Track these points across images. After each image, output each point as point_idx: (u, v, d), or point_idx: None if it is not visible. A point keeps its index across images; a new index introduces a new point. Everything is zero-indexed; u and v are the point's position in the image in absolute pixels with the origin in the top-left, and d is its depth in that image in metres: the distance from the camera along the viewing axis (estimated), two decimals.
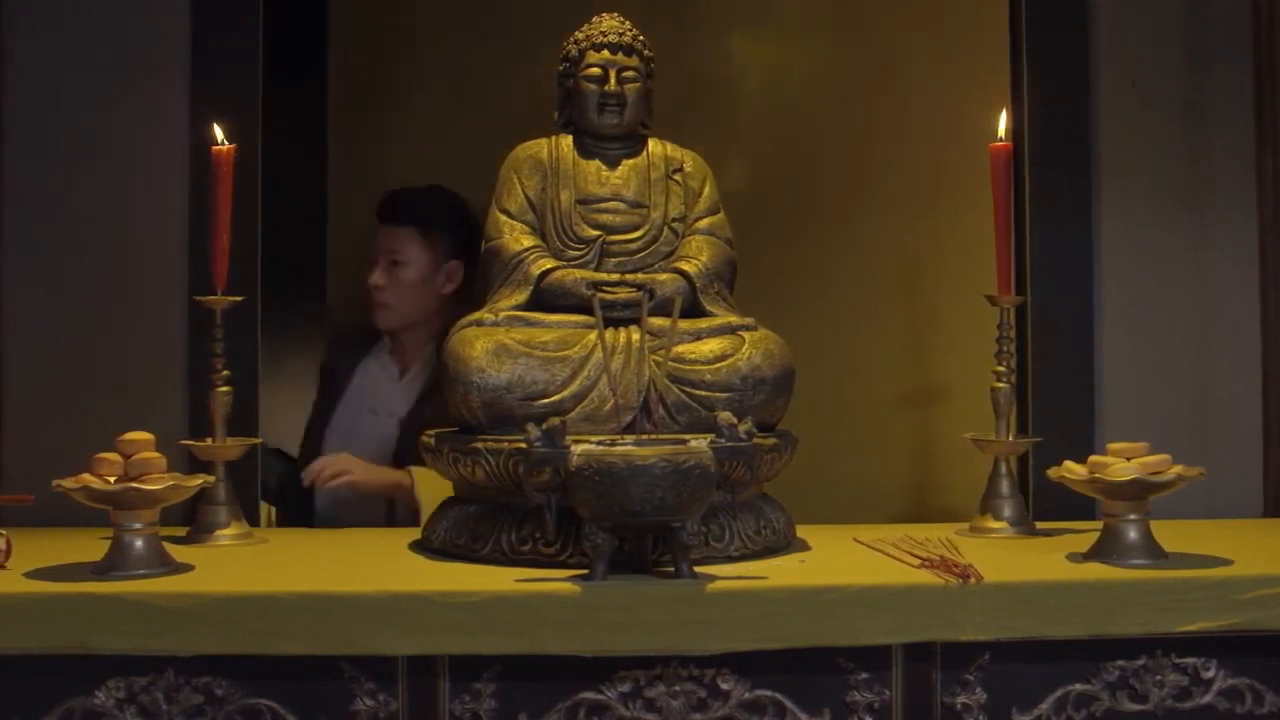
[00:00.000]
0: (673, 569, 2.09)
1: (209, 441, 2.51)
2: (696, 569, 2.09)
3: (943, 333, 3.11)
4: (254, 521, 2.67)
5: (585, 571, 2.10)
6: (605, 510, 2.04)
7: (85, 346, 2.71)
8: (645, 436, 2.16)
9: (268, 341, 2.79)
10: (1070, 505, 2.53)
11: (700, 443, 2.10)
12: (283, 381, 3.24)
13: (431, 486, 2.64)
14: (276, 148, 2.82)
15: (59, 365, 2.72)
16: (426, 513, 2.52)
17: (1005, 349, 2.57)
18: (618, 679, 2.07)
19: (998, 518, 2.56)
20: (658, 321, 2.40)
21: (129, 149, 2.74)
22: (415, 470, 2.71)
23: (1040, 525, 2.58)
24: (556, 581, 2.08)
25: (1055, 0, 2.86)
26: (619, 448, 2.07)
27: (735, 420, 2.13)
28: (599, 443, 2.11)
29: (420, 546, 2.43)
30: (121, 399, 2.68)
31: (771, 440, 2.33)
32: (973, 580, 2.07)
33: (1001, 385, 2.57)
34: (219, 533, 2.50)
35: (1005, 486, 2.58)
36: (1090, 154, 2.81)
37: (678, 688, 2.07)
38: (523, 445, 2.20)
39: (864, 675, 2.09)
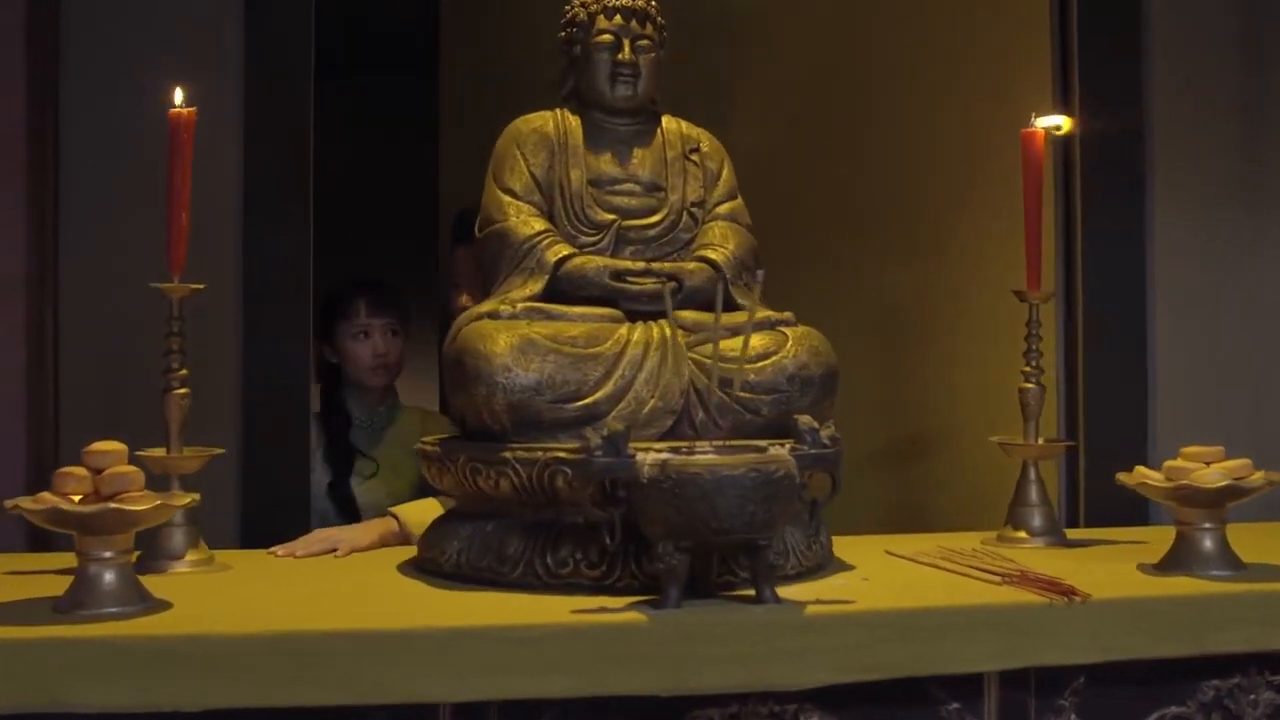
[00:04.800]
0: (753, 592, 1.86)
1: (164, 452, 2.15)
2: None
3: (977, 334, 2.96)
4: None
5: (648, 598, 1.86)
6: (686, 528, 1.79)
7: (136, 346, 2.34)
8: (724, 444, 1.90)
9: None
10: (1123, 513, 2.39)
11: (780, 450, 1.87)
12: None
13: (419, 516, 2.35)
14: None
15: (111, 365, 2.43)
16: None
17: (1034, 348, 2.42)
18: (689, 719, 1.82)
19: (1027, 527, 2.40)
20: (690, 315, 2.15)
21: None
22: (397, 510, 2.41)
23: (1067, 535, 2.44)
24: (621, 611, 1.82)
25: None
26: (700, 456, 1.82)
27: (816, 424, 1.90)
28: (672, 450, 1.85)
29: (422, 570, 2.13)
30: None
31: None
32: (1079, 599, 1.90)
33: (1030, 386, 2.41)
34: (176, 559, 2.14)
35: (1034, 494, 2.42)
36: (1144, 154, 2.70)
37: None
38: (560, 454, 1.96)
39: (955, 705, 1.90)
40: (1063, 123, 2.48)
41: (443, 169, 3.81)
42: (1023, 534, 2.40)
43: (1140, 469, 2.14)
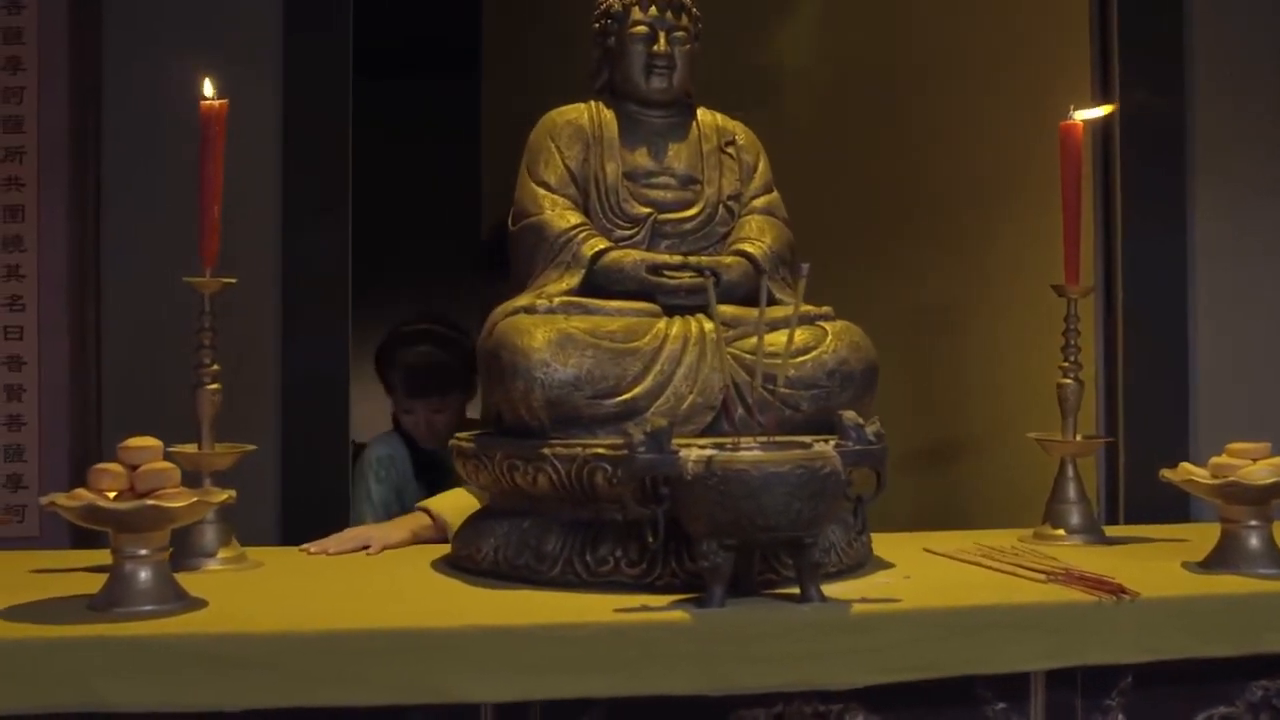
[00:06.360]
0: (797, 591, 1.83)
1: (196, 448, 2.12)
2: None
3: (1017, 330, 2.92)
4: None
5: (691, 596, 1.83)
6: (732, 525, 1.76)
7: (175, 342, 2.31)
8: (769, 440, 1.88)
9: None
10: (1163, 510, 2.36)
11: (825, 446, 1.84)
12: None
13: (451, 505, 2.33)
14: None
15: (152, 361, 2.42)
16: None
17: (1073, 343, 2.38)
18: (734, 719, 1.79)
19: (1065, 524, 2.37)
20: (728, 310, 2.12)
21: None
22: (427, 504, 2.39)
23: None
24: (664, 610, 1.79)
25: None
26: (745, 453, 1.79)
27: (861, 420, 1.87)
28: (716, 447, 1.82)
29: (457, 567, 2.10)
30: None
31: None
32: (1128, 597, 1.87)
33: (1068, 382, 2.38)
34: (209, 557, 2.12)
35: (1072, 491, 2.39)
36: (1184, 148, 2.66)
37: None
38: (600, 450, 1.93)
39: (1002, 705, 1.87)
40: (1103, 111, 2.43)
41: (484, 170, 3.82)
42: (1060, 531, 2.37)
43: (1185, 465, 2.11)
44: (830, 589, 1.88)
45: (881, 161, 3.35)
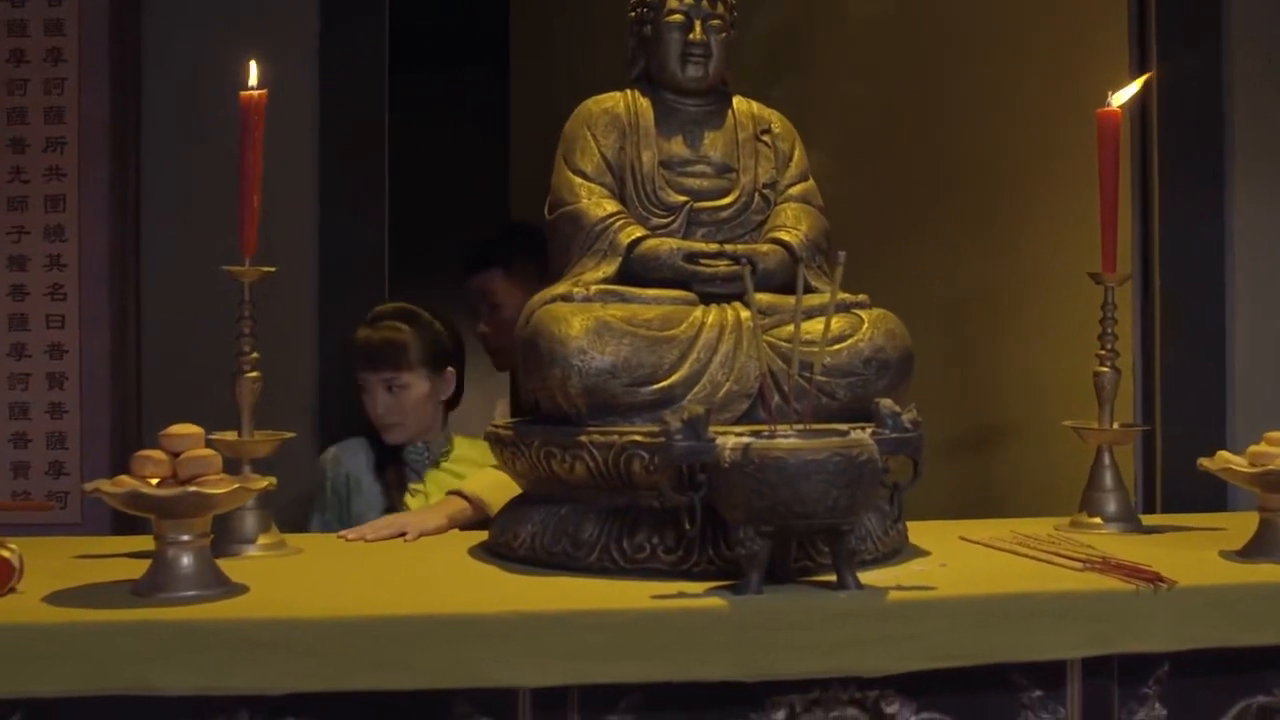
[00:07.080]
0: (833, 578, 1.83)
1: (235, 435, 2.14)
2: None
3: (1053, 318, 2.91)
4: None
5: (727, 583, 1.84)
6: (769, 512, 1.77)
7: (214, 330, 2.33)
8: (806, 427, 1.88)
9: None
10: (1201, 498, 2.35)
11: (862, 433, 1.84)
12: None
13: (486, 485, 2.35)
14: None
15: (191, 349, 2.48)
16: None
17: (1109, 331, 2.37)
18: (770, 705, 1.81)
19: (1102, 512, 2.36)
20: (764, 298, 2.12)
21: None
22: (461, 487, 2.40)
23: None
24: (701, 597, 1.80)
25: None
26: (782, 440, 1.80)
27: (897, 408, 1.88)
28: (753, 434, 1.83)
29: (494, 554, 2.11)
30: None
31: None
32: (1165, 586, 1.86)
33: (1105, 370, 2.37)
34: (248, 543, 2.14)
35: (1109, 479, 2.38)
36: (1223, 134, 2.64)
37: (837, 713, 1.82)
38: (637, 438, 1.94)
39: (1038, 693, 1.87)
40: (1137, 85, 2.40)
41: (513, 160, 3.86)
42: (1097, 520, 2.36)
43: (1223, 454, 2.10)
44: (866, 576, 1.88)
45: (909, 143, 3.33)
